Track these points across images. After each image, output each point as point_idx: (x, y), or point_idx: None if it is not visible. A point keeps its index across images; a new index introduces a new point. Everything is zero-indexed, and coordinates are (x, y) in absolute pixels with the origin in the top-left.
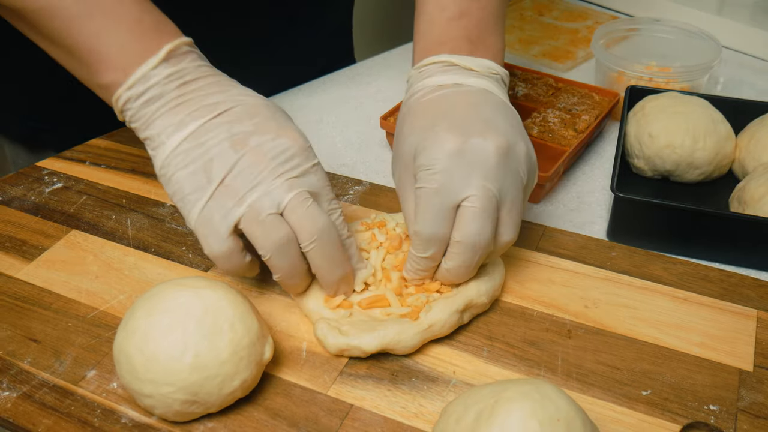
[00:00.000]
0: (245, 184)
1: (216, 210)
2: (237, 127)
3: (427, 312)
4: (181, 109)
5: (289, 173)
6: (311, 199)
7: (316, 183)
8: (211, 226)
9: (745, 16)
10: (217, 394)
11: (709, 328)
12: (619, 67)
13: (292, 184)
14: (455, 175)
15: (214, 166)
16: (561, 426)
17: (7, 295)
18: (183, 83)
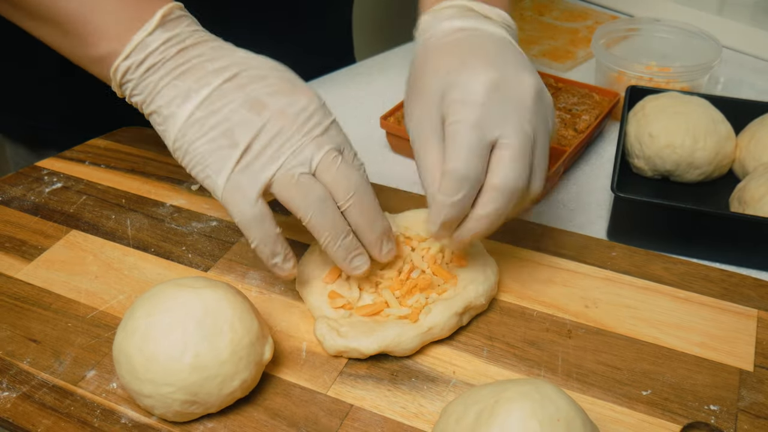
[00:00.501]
0: (273, 147)
1: (245, 176)
2: (252, 91)
3: (426, 314)
4: (187, 77)
5: (314, 131)
6: (340, 156)
7: (338, 139)
8: (241, 192)
9: (745, 16)
10: (217, 394)
11: (710, 328)
12: (620, 67)
13: (319, 142)
14: (493, 110)
15: (237, 132)
16: (561, 426)
17: (6, 295)
18: (183, 48)
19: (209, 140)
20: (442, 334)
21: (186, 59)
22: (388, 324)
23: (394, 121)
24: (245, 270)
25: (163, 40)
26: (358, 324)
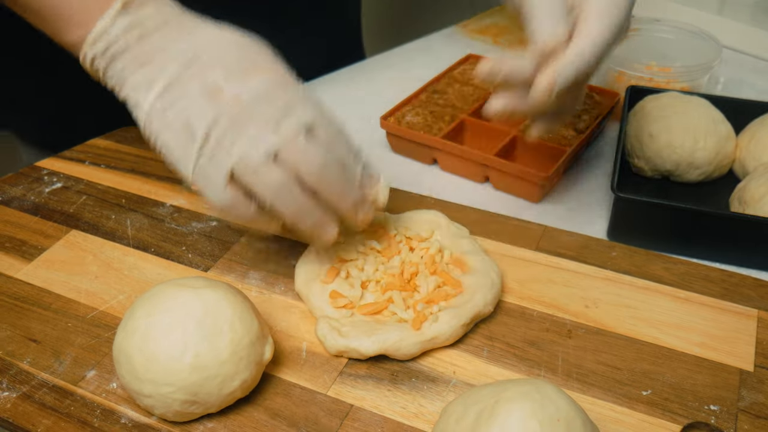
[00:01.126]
0: (230, 135)
1: (210, 165)
2: (207, 77)
3: (432, 322)
4: (149, 64)
5: (273, 113)
6: (301, 135)
7: (305, 113)
8: (209, 181)
9: (745, 16)
10: (217, 394)
11: (710, 328)
12: (620, 67)
13: (277, 124)
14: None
15: (194, 123)
16: (561, 426)
17: (6, 295)
18: (145, 33)
19: (172, 131)
20: (446, 343)
21: (148, 45)
22: (390, 326)
23: (394, 122)
24: (245, 270)
25: (124, 27)
26: (360, 324)
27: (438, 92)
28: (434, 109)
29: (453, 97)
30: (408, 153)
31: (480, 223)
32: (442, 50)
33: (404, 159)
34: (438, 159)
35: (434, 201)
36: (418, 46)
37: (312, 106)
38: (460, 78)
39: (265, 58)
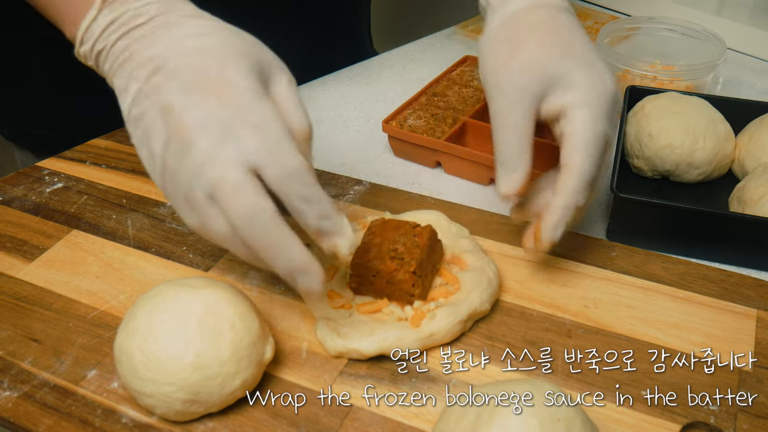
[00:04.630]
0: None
1: (169, 187)
2: (166, 92)
3: (430, 319)
4: (125, 67)
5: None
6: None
7: (249, 146)
8: (172, 201)
9: (745, 17)
10: (218, 393)
11: (709, 328)
12: (624, 66)
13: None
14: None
15: (152, 142)
16: (561, 426)
17: (7, 295)
18: (126, 32)
19: (139, 144)
20: (444, 341)
21: (127, 44)
22: (390, 325)
23: (396, 125)
24: (246, 270)
25: (105, 24)
26: (359, 324)
27: (438, 95)
28: (435, 112)
29: (453, 99)
30: (411, 156)
31: (480, 223)
32: (442, 50)
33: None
34: (442, 162)
35: (434, 201)
36: (418, 46)
37: (264, 138)
38: (459, 80)
39: (228, 74)
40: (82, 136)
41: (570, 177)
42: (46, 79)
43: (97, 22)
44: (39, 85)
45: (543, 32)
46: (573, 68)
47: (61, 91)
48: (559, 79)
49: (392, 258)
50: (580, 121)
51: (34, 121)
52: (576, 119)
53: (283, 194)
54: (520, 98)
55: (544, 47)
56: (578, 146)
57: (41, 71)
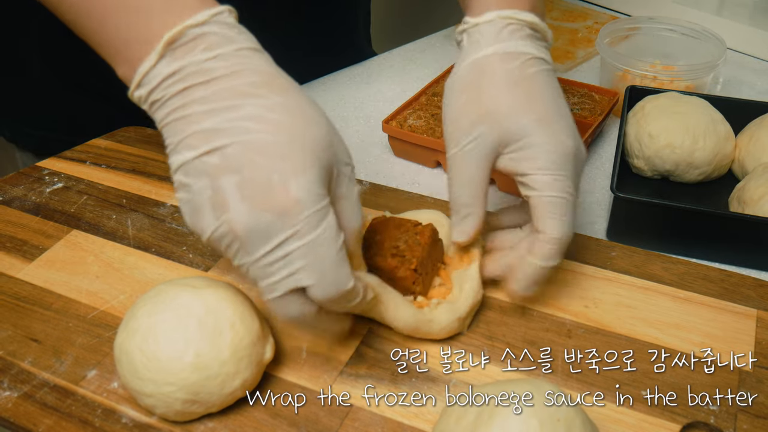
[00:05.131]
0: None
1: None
2: (222, 184)
3: (432, 310)
4: (180, 127)
5: (265, 258)
6: (277, 296)
7: (301, 272)
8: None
9: (744, 17)
10: (218, 393)
11: (709, 328)
12: (624, 66)
13: (266, 275)
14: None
15: (200, 221)
16: (561, 426)
17: (7, 295)
18: (186, 87)
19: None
20: (439, 335)
21: (185, 102)
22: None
23: (396, 125)
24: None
25: (165, 75)
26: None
27: (438, 95)
28: (435, 111)
29: None
30: (411, 156)
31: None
32: (442, 50)
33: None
34: (442, 162)
35: (434, 201)
36: (418, 46)
37: (316, 264)
38: None
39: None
40: (84, 137)
41: (542, 243)
42: (48, 81)
43: (157, 69)
44: (40, 87)
45: (506, 84)
46: (530, 128)
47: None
48: (516, 136)
49: (393, 255)
50: (541, 187)
51: (36, 123)
52: (537, 186)
53: (325, 306)
54: (474, 150)
55: (502, 102)
56: (548, 213)
57: (42, 72)
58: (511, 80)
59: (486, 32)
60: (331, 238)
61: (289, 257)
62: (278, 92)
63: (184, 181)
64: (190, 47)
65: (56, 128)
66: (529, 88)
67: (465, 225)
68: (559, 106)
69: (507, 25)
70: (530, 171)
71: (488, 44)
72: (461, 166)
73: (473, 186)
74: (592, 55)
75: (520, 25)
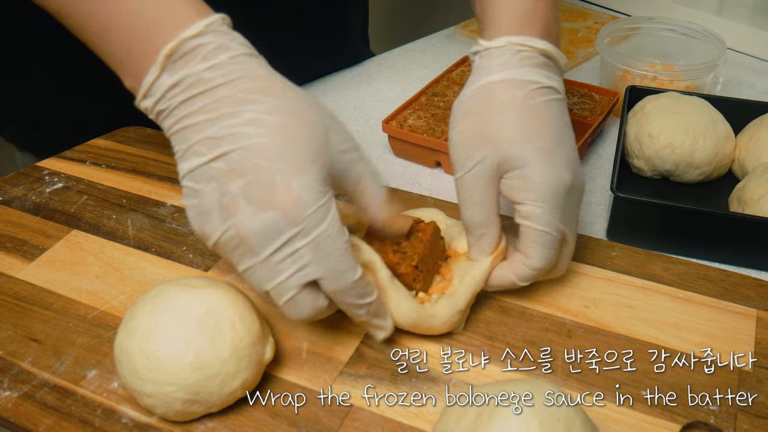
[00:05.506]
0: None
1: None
2: (229, 188)
3: (432, 304)
4: (187, 135)
5: (274, 257)
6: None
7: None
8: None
9: (744, 17)
10: (218, 393)
11: (710, 328)
12: (624, 66)
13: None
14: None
15: (207, 225)
16: (561, 426)
17: (7, 295)
18: (188, 98)
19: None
20: (440, 329)
21: (188, 113)
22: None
23: (396, 125)
24: None
25: (168, 87)
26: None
27: (438, 95)
28: (435, 111)
29: (453, 99)
30: (411, 156)
31: None
32: (442, 50)
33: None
34: (442, 162)
35: (434, 201)
36: (418, 46)
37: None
38: (459, 80)
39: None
40: (84, 137)
41: (522, 266)
42: (48, 81)
43: (160, 81)
44: (40, 87)
45: (510, 112)
46: (529, 158)
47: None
48: (516, 164)
49: (395, 252)
50: (532, 218)
51: (35, 123)
52: (528, 216)
53: (336, 301)
54: (479, 173)
55: (506, 128)
56: (533, 243)
57: (42, 73)
58: (515, 108)
59: (496, 57)
60: (336, 232)
61: (296, 254)
62: (275, 95)
63: (192, 186)
64: (188, 59)
65: (56, 128)
66: (533, 117)
67: (481, 245)
68: (562, 138)
69: (518, 51)
70: (523, 201)
71: (497, 70)
72: (469, 189)
73: (483, 207)
74: (592, 55)
75: (532, 53)
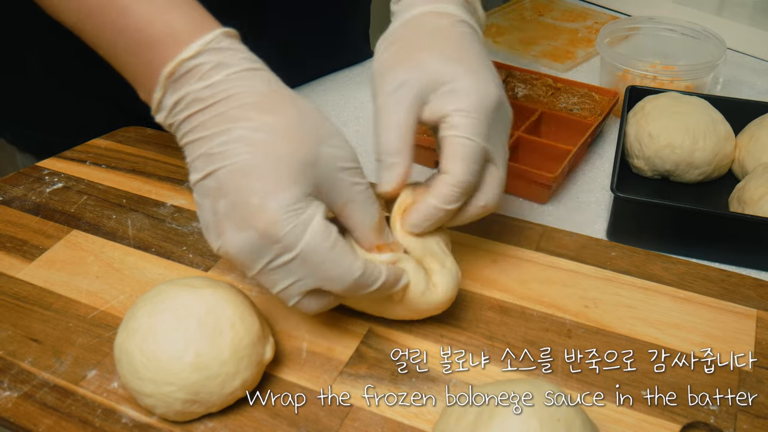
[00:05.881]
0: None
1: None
2: (216, 203)
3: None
4: (191, 149)
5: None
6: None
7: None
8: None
9: (744, 17)
10: (218, 393)
11: (709, 328)
12: (624, 66)
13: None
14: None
15: (209, 237)
16: (561, 426)
17: (7, 295)
18: (189, 115)
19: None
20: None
21: (190, 127)
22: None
23: None
24: None
25: (172, 104)
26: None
27: None
28: None
29: None
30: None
31: (480, 223)
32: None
33: None
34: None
35: None
36: None
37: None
38: None
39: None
40: (84, 137)
41: (444, 185)
42: (48, 82)
43: (165, 99)
44: (40, 88)
45: (435, 37)
46: (457, 74)
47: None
48: (442, 83)
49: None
50: (458, 127)
51: (36, 124)
52: (454, 126)
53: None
54: (400, 96)
55: (431, 51)
56: (455, 154)
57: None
58: (440, 34)
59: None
60: (320, 243)
61: (287, 267)
62: (267, 111)
63: (197, 200)
64: (187, 78)
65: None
66: (458, 41)
67: (390, 174)
68: (486, 62)
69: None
70: (449, 112)
71: (421, 4)
72: (388, 113)
73: (400, 131)
74: (592, 55)
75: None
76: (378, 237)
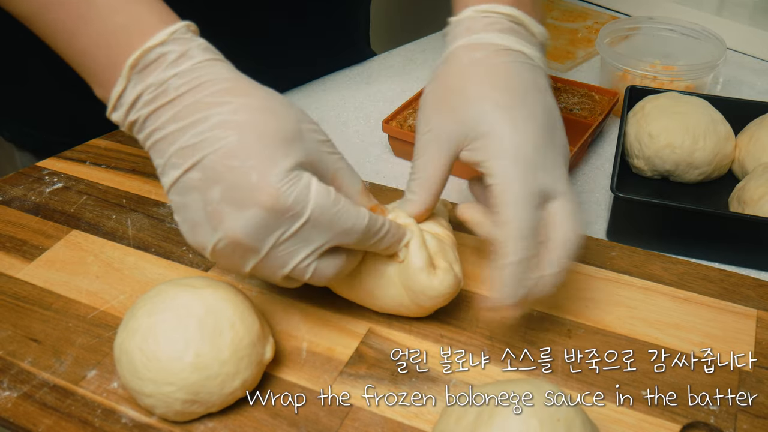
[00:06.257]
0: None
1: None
2: (210, 195)
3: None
4: (161, 148)
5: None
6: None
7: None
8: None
9: (744, 17)
10: (218, 393)
11: (709, 328)
12: (624, 66)
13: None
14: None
15: (200, 236)
16: (561, 426)
17: (7, 295)
18: (155, 109)
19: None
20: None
21: (158, 125)
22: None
23: (396, 125)
24: None
25: (134, 97)
26: None
27: None
28: None
29: None
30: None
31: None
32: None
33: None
34: None
35: None
36: (418, 46)
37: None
38: None
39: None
40: (84, 137)
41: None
42: (47, 81)
43: (127, 92)
44: (39, 87)
45: (466, 73)
46: (487, 113)
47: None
48: (472, 124)
49: None
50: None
51: (35, 123)
52: (492, 175)
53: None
54: (430, 139)
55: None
56: (507, 201)
57: (42, 72)
58: (471, 69)
59: (460, 25)
60: (326, 201)
61: (299, 234)
62: (242, 95)
63: (177, 200)
64: (152, 68)
65: (56, 128)
66: (490, 75)
67: (405, 207)
68: (525, 94)
69: (482, 17)
70: (488, 159)
71: (461, 36)
72: (417, 152)
73: (419, 173)
74: (592, 55)
75: (497, 18)
76: (369, 200)
